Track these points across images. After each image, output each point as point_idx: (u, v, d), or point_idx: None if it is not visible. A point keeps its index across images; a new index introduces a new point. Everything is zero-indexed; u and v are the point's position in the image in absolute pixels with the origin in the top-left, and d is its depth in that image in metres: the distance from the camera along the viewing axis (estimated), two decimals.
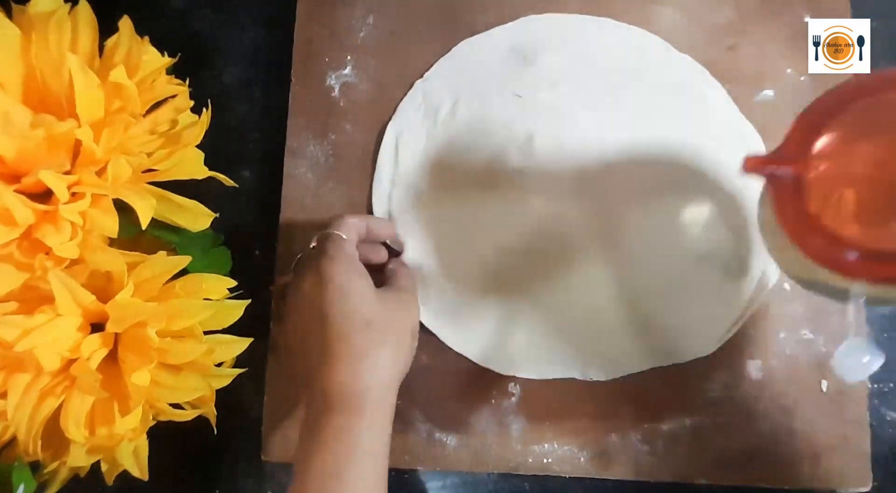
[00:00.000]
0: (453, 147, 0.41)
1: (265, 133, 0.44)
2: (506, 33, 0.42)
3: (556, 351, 0.39)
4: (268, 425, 0.40)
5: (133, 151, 0.32)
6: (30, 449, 0.32)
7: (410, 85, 0.42)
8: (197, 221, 0.36)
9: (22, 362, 0.31)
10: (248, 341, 0.36)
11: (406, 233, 0.40)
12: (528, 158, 0.40)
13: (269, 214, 0.42)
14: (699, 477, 0.38)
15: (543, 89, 0.41)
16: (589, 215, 0.39)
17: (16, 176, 0.31)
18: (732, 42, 0.41)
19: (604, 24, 0.42)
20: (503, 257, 0.40)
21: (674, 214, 0.39)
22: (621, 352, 0.39)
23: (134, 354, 0.32)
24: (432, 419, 0.39)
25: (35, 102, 0.32)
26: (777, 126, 0.40)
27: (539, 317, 0.39)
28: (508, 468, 0.39)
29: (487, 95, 0.41)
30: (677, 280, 0.39)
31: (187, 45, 0.37)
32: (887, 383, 0.39)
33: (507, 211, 0.40)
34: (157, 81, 0.34)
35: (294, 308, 0.34)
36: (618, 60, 0.41)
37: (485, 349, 0.39)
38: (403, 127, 0.41)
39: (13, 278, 0.31)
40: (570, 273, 0.39)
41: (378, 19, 0.43)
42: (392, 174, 0.41)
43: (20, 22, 0.32)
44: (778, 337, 0.39)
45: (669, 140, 0.40)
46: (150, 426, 0.34)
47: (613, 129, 0.40)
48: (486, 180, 0.40)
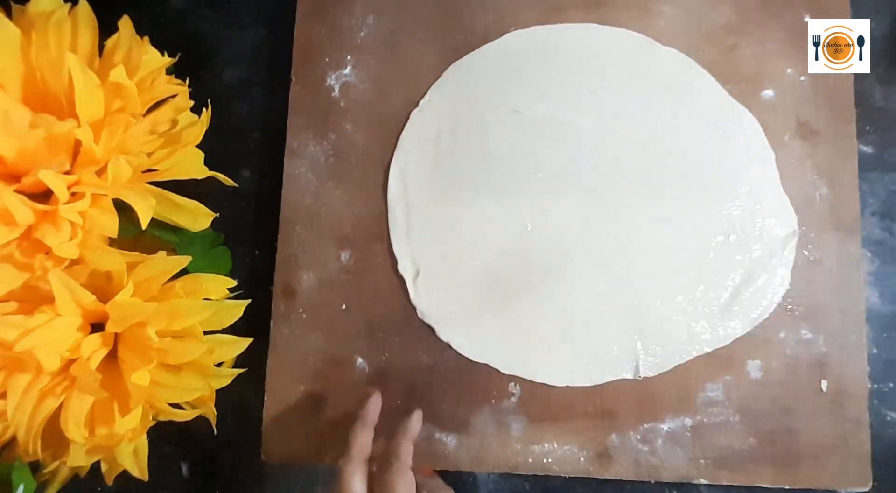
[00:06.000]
0: (458, 166, 0.41)
1: (265, 133, 0.44)
2: (492, 52, 0.42)
3: (556, 352, 0.39)
4: (268, 425, 0.40)
5: (133, 151, 0.32)
6: (30, 449, 0.32)
7: (410, 85, 0.42)
8: (197, 221, 0.36)
9: (22, 362, 0.31)
10: (248, 341, 0.36)
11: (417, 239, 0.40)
12: (529, 166, 0.40)
13: (269, 214, 0.42)
14: (699, 477, 0.38)
15: (538, 101, 0.41)
16: (590, 216, 0.40)
17: (16, 176, 0.31)
18: (732, 42, 0.41)
19: (587, 30, 0.42)
20: (505, 258, 0.40)
21: (675, 213, 0.39)
22: (622, 353, 0.39)
23: (134, 354, 0.32)
24: (432, 419, 0.39)
25: (35, 102, 0.32)
26: (777, 126, 0.40)
27: (540, 318, 0.39)
28: (508, 468, 0.39)
29: (485, 114, 0.41)
30: (679, 280, 0.39)
31: (187, 45, 0.37)
32: (887, 383, 0.39)
33: (510, 215, 0.40)
34: (157, 81, 0.34)
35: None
36: (606, 62, 0.41)
37: (485, 349, 0.39)
38: (407, 162, 0.41)
39: (13, 278, 0.31)
40: (571, 275, 0.39)
41: (378, 19, 0.43)
42: (406, 209, 0.41)
43: (20, 22, 0.32)
44: (778, 337, 0.39)
45: (667, 136, 0.40)
46: (150, 426, 0.34)
47: (611, 130, 0.40)
48: (490, 189, 0.40)
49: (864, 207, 0.40)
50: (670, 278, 0.39)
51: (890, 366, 0.40)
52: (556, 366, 0.39)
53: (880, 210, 0.41)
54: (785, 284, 0.39)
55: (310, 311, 0.40)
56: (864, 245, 0.40)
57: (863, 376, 0.38)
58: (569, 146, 0.40)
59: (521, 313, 0.39)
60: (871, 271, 0.40)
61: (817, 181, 0.40)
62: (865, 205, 0.40)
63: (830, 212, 0.39)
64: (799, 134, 0.40)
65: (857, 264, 0.39)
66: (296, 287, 0.41)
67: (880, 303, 0.40)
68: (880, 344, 0.40)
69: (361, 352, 0.40)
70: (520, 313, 0.39)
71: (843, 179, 0.40)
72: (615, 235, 0.39)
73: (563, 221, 0.40)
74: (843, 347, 0.38)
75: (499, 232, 0.40)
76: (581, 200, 0.40)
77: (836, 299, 0.39)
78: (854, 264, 0.39)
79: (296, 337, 0.40)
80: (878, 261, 0.40)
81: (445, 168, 0.41)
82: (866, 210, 0.41)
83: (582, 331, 0.39)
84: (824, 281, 0.39)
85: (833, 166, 0.40)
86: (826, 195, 0.40)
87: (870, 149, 0.41)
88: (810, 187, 0.40)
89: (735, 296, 0.39)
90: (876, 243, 0.41)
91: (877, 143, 0.41)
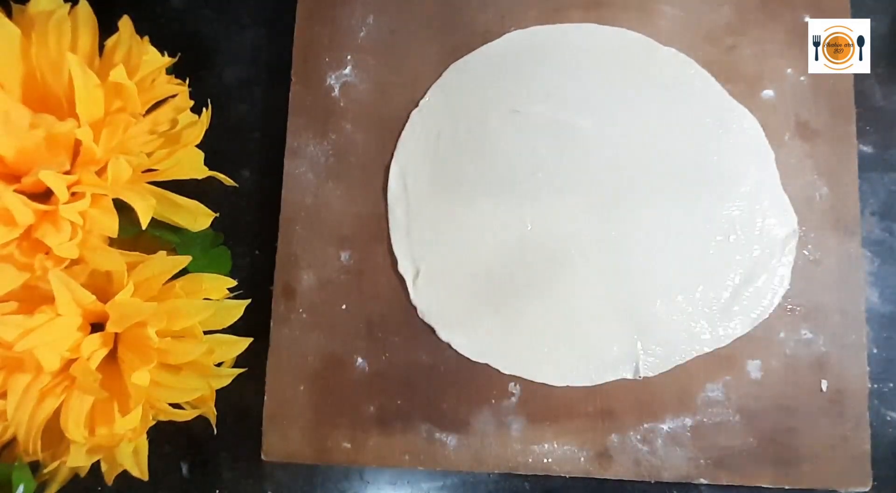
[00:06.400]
0: (458, 166, 0.41)
1: (265, 133, 0.44)
2: (492, 52, 0.42)
3: (556, 352, 0.39)
4: (268, 425, 0.40)
5: (133, 151, 0.32)
6: (30, 449, 0.32)
7: (410, 85, 0.42)
8: (197, 221, 0.36)
9: (22, 362, 0.31)
10: (248, 341, 0.36)
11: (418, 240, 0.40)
12: (529, 166, 0.40)
13: (269, 214, 0.42)
14: (699, 477, 0.38)
15: (539, 101, 0.41)
16: (590, 216, 0.40)
17: (16, 176, 0.31)
18: (732, 42, 0.41)
19: (587, 30, 0.42)
20: (505, 258, 0.40)
21: (675, 213, 0.39)
22: (621, 353, 0.39)
23: (134, 354, 0.32)
24: (432, 419, 0.39)
25: (35, 102, 0.32)
26: (777, 126, 0.40)
27: (540, 318, 0.39)
28: (508, 468, 0.39)
29: (485, 114, 0.41)
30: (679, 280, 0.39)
31: (187, 45, 0.37)
32: (887, 383, 0.40)
33: (510, 214, 0.40)
34: (157, 81, 0.34)
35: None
36: (606, 62, 0.41)
37: (485, 349, 0.39)
38: (407, 162, 0.41)
39: (13, 278, 0.31)
40: (571, 274, 0.39)
41: (378, 19, 0.43)
42: (406, 209, 0.41)
43: (20, 22, 0.32)
44: (778, 337, 0.39)
45: (667, 136, 0.40)
46: (150, 426, 0.34)
47: (611, 130, 0.40)
48: (490, 189, 0.40)
49: (864, 207, 0.40)
50: (670, 278, 0.39)
51: (890, 366, 0.40)
52: (556, 366, 0.39)
53: (880, 210, 0.41)
54: (785, 284, 0.39)
55: (310, 311, 0.40)
56: (864, 245, 0.40)
57: (863, 376, 0.38)
58: (569, 146, 0.40)
59: (521, 312, 0.39)
60: (871, 271, 0.40)
61: (817, 181, 0.40)
62: (865, 205, 0.40)
63: (830, 212, 0.39)
64: (799, 134, 0.40)
65: (857, 264, 0.39)
66: (296, 287, 0.41)
67: (880, 303, 0.40)
68: (880, 344, 0.40)
69: (361, 352, 0.40)
70: (520, 313, 0.39)
71: (843, 179, 0.40)
72: (615, 234, 0.39)
73: (563, 220, 0.40)
74: (843, 347, 0.38)
75: (499, 232, 0.40)
76: (581, 199, 0.40)
77: (836, 299, 0.39)
78: (854, 264, 0.39)
79: (296, 337, 0.40)
80: (878, 261, 0.40)
81: (445, 168, 0.41)
82: (866, 210, 0.41)
83: (582, 331, 0.39)
84: (824, 281, 0.39)
85: (833, 166, 0.40)
86: (826, 195, 0.40)
87: (870, 149, 0.41)
88: (810, 187, 0.40)
89: (735, 296, 0.39)
90: (876, 243, 0.41)
91: (877, 143, 0.41)
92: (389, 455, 0.39)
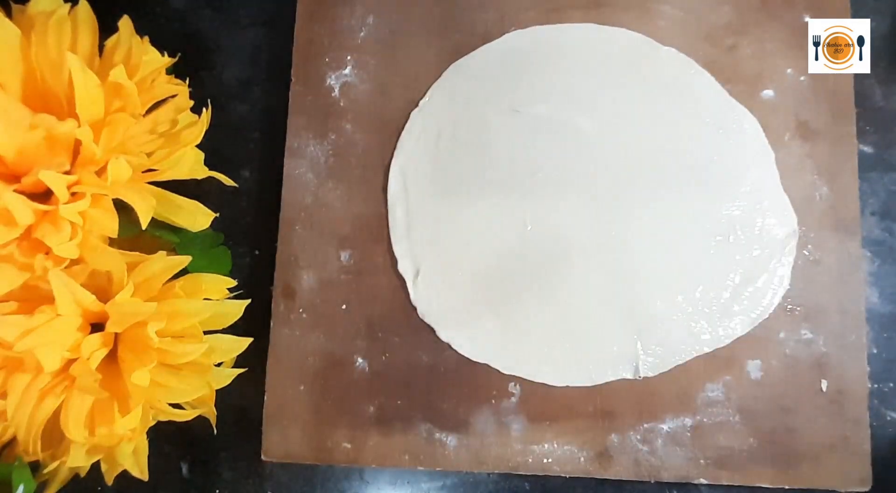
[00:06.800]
0: (458, 166, 0.41)
1: (265, 133, 0.44)
2: (492, 52, 0.42)
3: (556, 352, 0.39)
4: (268, 425, 0.40)
5: (133, 151, 0.32)
6: (30, 449, 0.32)
7: (410, 85, 0.42)
8: (197, 221, 0.36)
9: (22, 362, 0.31)
10: (248, 341, 0.36)
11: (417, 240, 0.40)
12: (529, 166, 0.40)
13: (269, 214, 0.42)
14: (699, 477, 0.38)
15: (539, 101, 0.41)
16: (590, 216, 0.40)
17: (16, 176, 0.31)
18: (732, 42, 0.41)
19: (587, 30, 0.42)
20: (505, 258, 0.40)
21: (675, 212, 0.39)
22: (621, 353, 0.39)
23: (134, 354, 0.32)
24: (432, 419, 0.39)
25: (35, 102, 0.32)
26: (777, 126, 0.40)
27: (540, 318, 0.39)
28: (508, 468, 0.39)
29: (485, 114, 0.41)
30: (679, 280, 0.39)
31: (187, 45, 0.37)
32: (887, 383, 0.40)
33: (510, 214, 0.40)
34: (157, 81, 0.34)
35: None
36: (606, 62, 0.41)
37: (485, 349, 0.39)
38: (407, 162, 0.41)
39: (13, 278, 0.31)
40: (571, 274, 0.39)
41: (378, 19, 0.43)
42: (406, 209, 0.41)
43: (20, 22, 0.32)
44: (778, 337, 0.39)
45: (667, 136, 0.40)
46: (150, 426, 0.34)
47: (611, 130, 0.40)
48: (490, 189, 0.40)
49: (864, 207, 0.40)
50: (670, 278, 0.39)
51: (890, 366, 0.40)
52: (556, 366, 0.39)
53: (880, 210, 0.41)
54: (785, 284, 0.39)
55: (310, 311, 0.41)
56: (864, 245, 0.40)
57: (863, 376, 0.38)
58: (569, 146, 0.40)
59: (521, 312, 0.39)
60: (871, 271, 0.40)
61: (817, 181, 0.40)
62: (865, 205, 0.40)
63: (830, 212, 0.39)
64: (799, 134, 0.40)
65: (857, 264, 0.39)
66: (296, 287, 0.41)
67: (880, 303, 0.40)
68: (880, 344, 0.40)
69: (361, 352, 0.40)
70: (520, 313, 0.39)
71: (843, 179, 0.40)
72: (615, 234, 0.39)
73: (563, 220, 0.40)
74: (843, 347, 0.38)
75: (499, 232, 0.40)
76: (581, 199, 0.40)
77: (836, 299, 0.39)
78: (854, 264, 0.39)
79: (296, 337, 0.40)
80: (878, 261, 0.40)
81: (445, 168, 0.41)
82: (866, 210, 0.41)
83: (582, 331, 0.39)
84: (824, 281, 0.39)
85: (833, 166, 0.40)
86: (826, 195, 0.40)
87: (870, 149, 0.41)
88: (810, 187, 0.40)
89: (735, 296, 0.39)
90: (876, 243, 0.41)
91: (877, 143, 0.41)
92: (389, 455, 0.39)
